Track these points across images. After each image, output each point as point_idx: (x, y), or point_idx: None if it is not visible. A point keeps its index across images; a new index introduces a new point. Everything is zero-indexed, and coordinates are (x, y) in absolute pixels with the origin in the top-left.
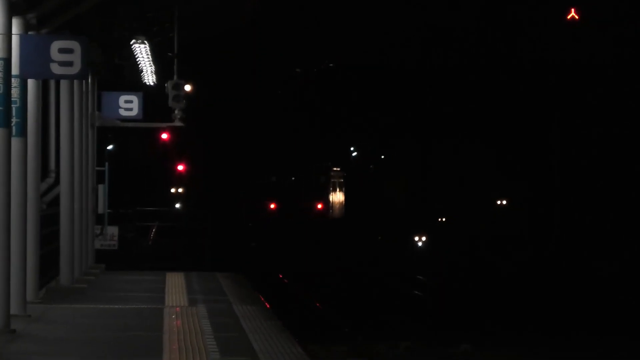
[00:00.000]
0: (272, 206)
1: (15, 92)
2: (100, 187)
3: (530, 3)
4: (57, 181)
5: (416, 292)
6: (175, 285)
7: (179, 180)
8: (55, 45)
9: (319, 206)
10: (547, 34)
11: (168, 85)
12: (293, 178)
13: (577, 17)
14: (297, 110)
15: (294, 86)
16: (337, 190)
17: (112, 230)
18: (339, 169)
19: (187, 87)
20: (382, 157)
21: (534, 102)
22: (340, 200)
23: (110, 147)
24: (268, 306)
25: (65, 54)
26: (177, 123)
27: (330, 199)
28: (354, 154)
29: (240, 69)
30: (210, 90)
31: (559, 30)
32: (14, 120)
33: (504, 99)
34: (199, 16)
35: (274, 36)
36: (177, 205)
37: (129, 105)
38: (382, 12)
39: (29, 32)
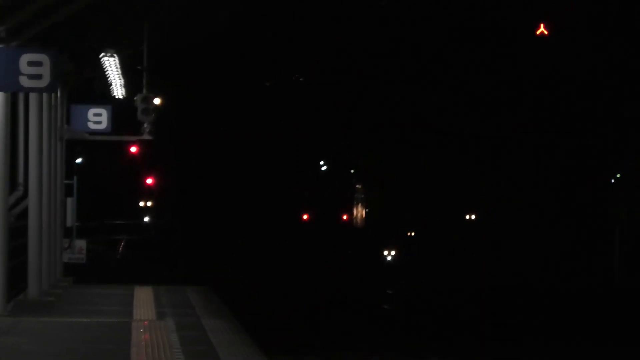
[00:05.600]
0: (305, 217)
1: None
2: (69, 200)
3: (501, 17)
4: (25, 194)
5: (385, 306)
6: (143, 298)
7: (147, 193)
8: (25, 58)
9: (344, 217)
10: (518, 49)
11: (137, 98)
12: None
13: (546, 32)
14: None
15: (264, 98)
16: (360, 204)
17: (80, 244)
18: (360, 185)
19: (157, 101)
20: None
21: (507, 114)
22: (362, 213)
23: (79, 160)
24: (237, 320)
25: (34, 66)
26: (146, 136)
27: (354, 212)
28: (324, 168)
29: (211, 81)
30: (180, 104)
31: (529, 44)
32: None
33: (475, 110)
34: (170, 28)
35: (246, 47)
36: (146, 219)
37: (98, 118)
38: (353, 25)
39: None
